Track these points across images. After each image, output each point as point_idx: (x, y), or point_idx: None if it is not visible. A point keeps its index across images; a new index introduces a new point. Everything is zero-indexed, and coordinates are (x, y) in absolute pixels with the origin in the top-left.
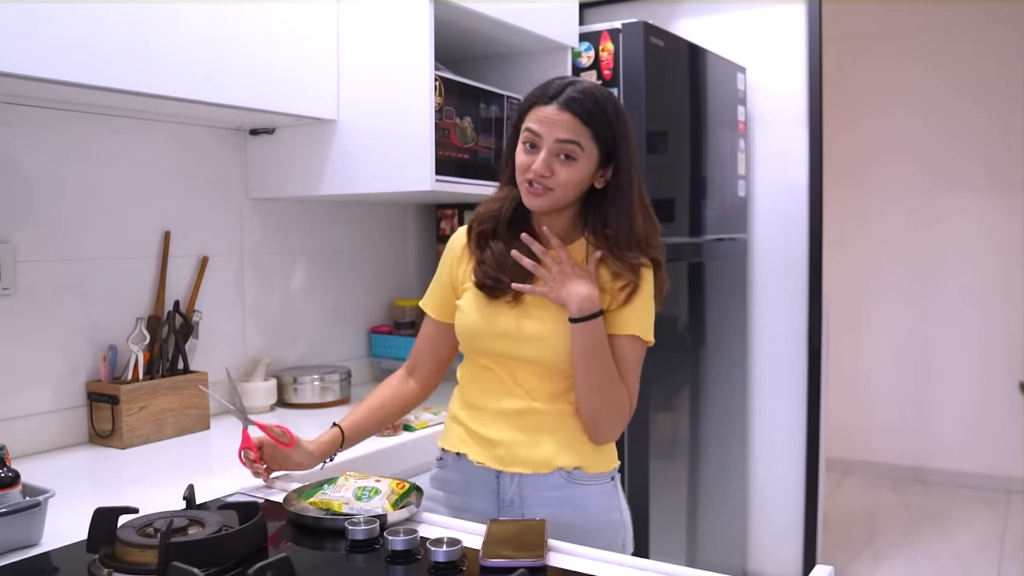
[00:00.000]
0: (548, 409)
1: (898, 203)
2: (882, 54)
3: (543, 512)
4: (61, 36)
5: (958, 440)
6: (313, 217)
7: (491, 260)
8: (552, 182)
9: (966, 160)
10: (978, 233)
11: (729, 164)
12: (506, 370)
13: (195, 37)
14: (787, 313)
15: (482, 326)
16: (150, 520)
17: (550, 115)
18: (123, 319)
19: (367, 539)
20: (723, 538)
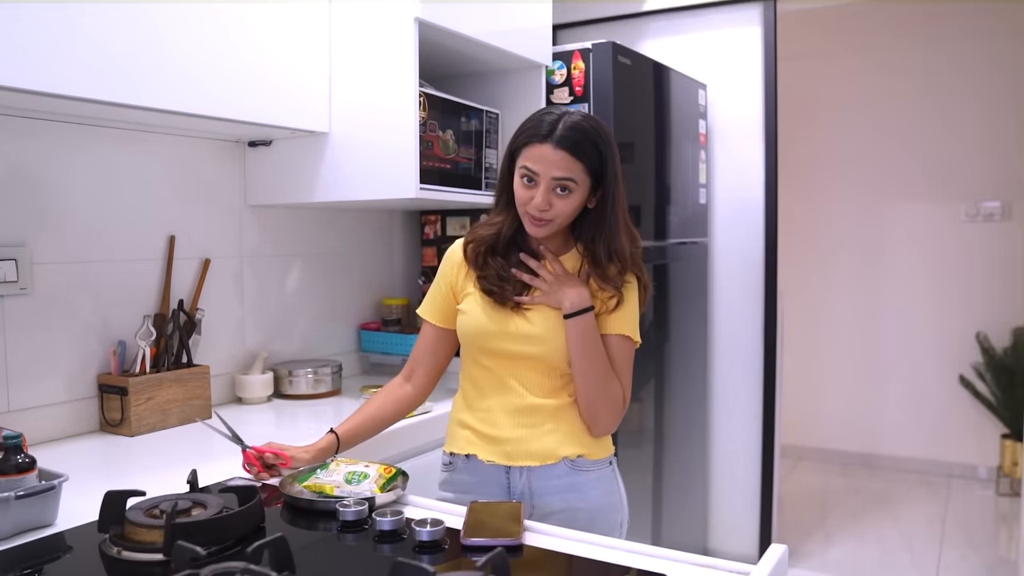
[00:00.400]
0: (547, 404)
1: (847, 209)
2: (832, 72)
3: (551, 500)
4: (77, 56)
5: (903, 429)
6: (307, 222)
7: (493, 274)
8: (551, 214)
9: (910, 169)
10: (922, 237)
11: (691, 173)
12: (506, 369)
13: (198, 55)
14: (745, 311)
15: (488, 326)
16: (156, 502)
17: (546, 155)
18: (131, 316)
19: (356, 520)
20: (685, 519)
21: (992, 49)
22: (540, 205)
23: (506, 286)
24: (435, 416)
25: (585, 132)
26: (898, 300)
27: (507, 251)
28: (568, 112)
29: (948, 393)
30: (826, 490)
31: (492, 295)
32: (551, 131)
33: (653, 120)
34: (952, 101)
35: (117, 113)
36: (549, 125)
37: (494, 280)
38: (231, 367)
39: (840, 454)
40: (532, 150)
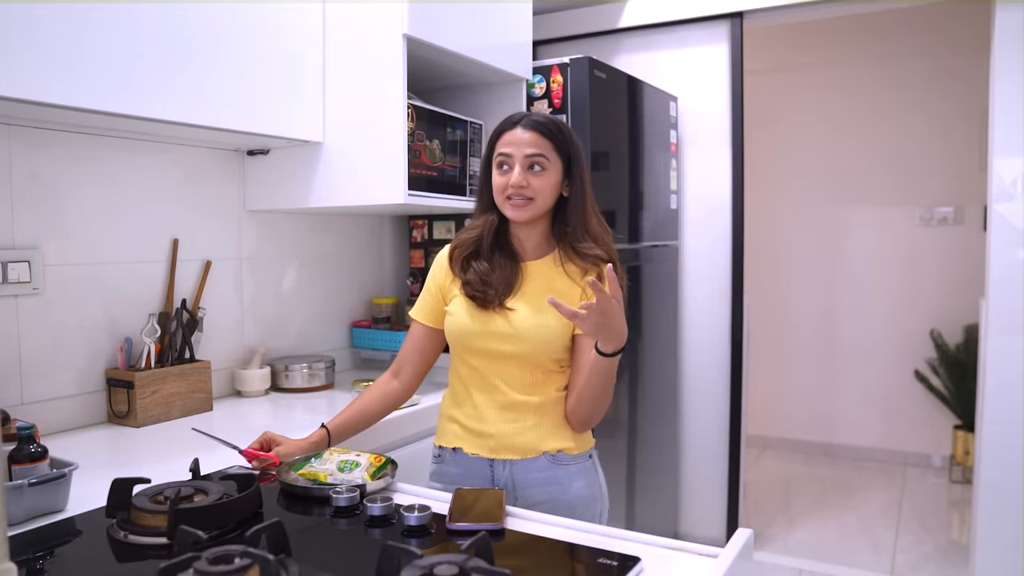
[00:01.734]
0: (529, 401)
1: (809, 213)
2: (795, 84)
3: (534, 492)
4: (90, 71)
5: (861, 420)
6: (302, 226)
7: (476, 278)
8: (530, 191)
9: (868, 176)
10: (880, 241)
11: (662, 180)
12: (490, 367)
13: (202, 71)
14: (713, 310)
15: (472, 327)
16: (161, 489)
17: (516, 136)
18: (137, 315)
19: (349, 506)
20: (658, 505)
21: (943, 64)
22: (517, 180)
23: (488, 290)
24: (422, 408)
25: (550, 119)
26: (857, 299)
27: (490, 254)
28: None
29: (904, 387)
30: (789, 478)
31: (475, 300)
32: (521, 119)
33: (627, 130)
34: (908, 112)
35: (126, 124)
36: (516, 116)
37: (477, 285)
38: (231, 362)
39: (802, 444)
40: (504, 138)
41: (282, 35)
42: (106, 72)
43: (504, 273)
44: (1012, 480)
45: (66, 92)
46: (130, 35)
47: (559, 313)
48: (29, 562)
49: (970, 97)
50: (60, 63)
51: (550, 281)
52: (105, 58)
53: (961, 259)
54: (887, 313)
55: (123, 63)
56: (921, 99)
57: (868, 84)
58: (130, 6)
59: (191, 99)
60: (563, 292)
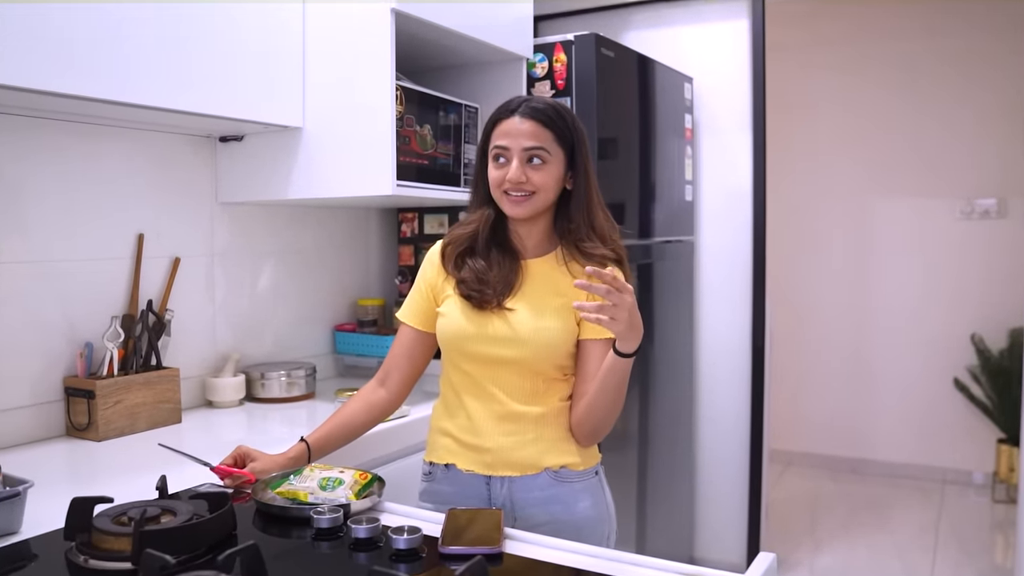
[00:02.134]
0: (530, 411)
1: (838, 206)
2: (822, 64)
3: (534, 512)
4: (37, 47)
5: (895, 433)
6: (280, 220)
7: (471, 277)
8: (529, 186)
9: (903, 165)
10: (915, 235)
11: (677, 169)
12: (487, 373)
13: (167, 48)
14: (732, 312)
15: (467, 329)
16: (124, 509)
17: (514, 127)
18: (99, 317)
19: (331, 527)
20: (671, 526)
21: (987, 43)
22: (515, 176)
23: (486, 289)
24: (412, 420)
25: (550, 105)
26: (890, 300)
27: (487, 251)
28: (535, 96)
29: (942, 396)
30: (816, 496)
31: (471, 299)
32: (518, 106)
33: (637, 114)
34: (946, 95)
35: (82, 107)
36: (514, 103)
37: (473, 284)
38: (201, 370)
39: (830, 459)
40: (500, 128)
41: (258, 10)
42: (62, 50)
43: (503, 271)
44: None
45: (16, 72)
46: (87, 10)
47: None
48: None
49: (1015, 80)
50: (9, 40)
51: (553, 281)
52: (60, 35)
53: (1005, 256)
54: (923, 315)
55: (80, 40)
56: (961, 81)
57: (903, 64)
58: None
59: (156, 80)
60: (566, 294)
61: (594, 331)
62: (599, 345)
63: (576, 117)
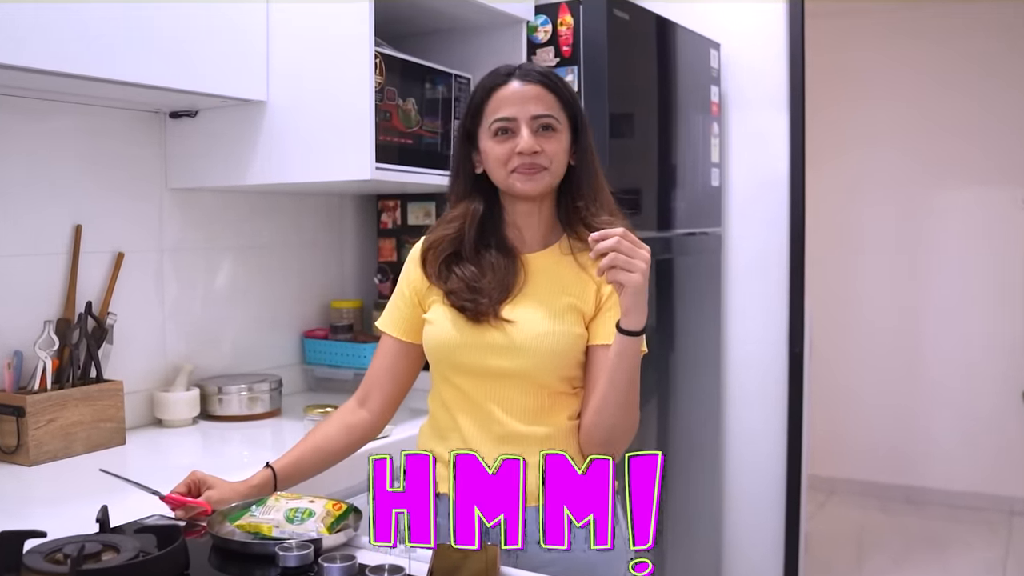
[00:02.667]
0: (534, 433)
1: (887, 195)
2: (869, 31)
3: (538, 550)
4: None
5: (955, 456)
6: (240, 209)
7: (461, 287)
8: (544, 158)
9: (961, 147)
10: (974, 227)
11: (701, 150)
12: (483, 389)
13: (107, 9)
14: (766, 315)
15: (459, 338)
16: (59, 545)
17: (517, 93)
18: (29, 322)
19: (300, 566)
20: (695, 559)
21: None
22: (528, 145)
23: (480, 299)
24: (394, 441)
25: (548, 69)
26: (947, 302)
27: (476, 253)
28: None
29: (1008, 412)
30: (862, 529)
31: (465, 311)
32: (513, 70)
33: (656, 86)
34: (1010, 68)
35: (9, 78)
36: (507, 68)
37: (465, 294)
38: (149, 383)
39: (879, 487)
40: (497, 96)
41: None
42: None
43: (498, 275)
44: None
45: None
46: None
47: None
48: None
49: None
50: None
51: (558, 277)
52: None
53: None
54: (985, 319)
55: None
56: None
57: (961, 32)
58: None
59: (95, 47)
60: (574, 291)
61: (604, 335)
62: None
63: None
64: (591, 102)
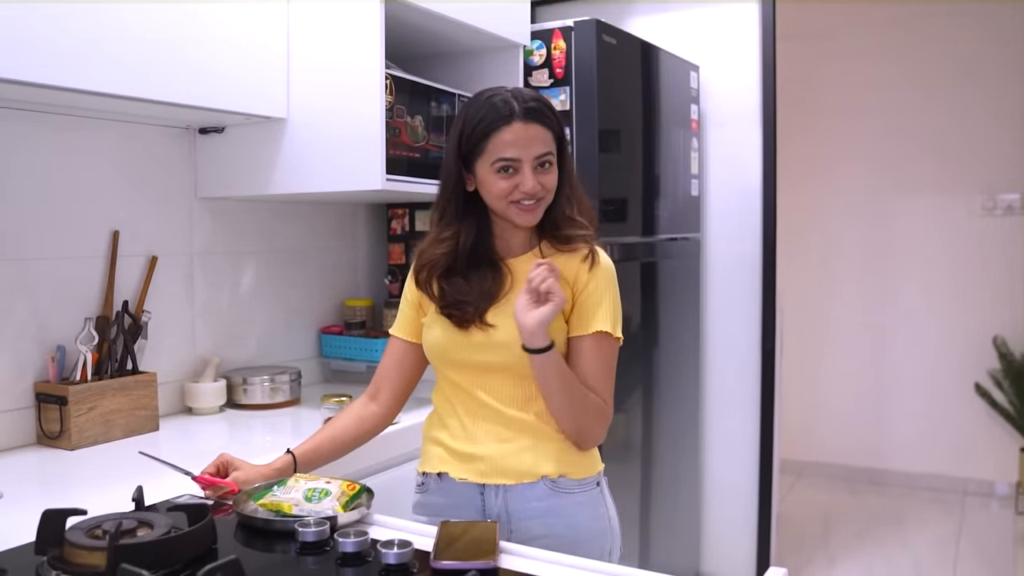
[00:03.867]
0: (523, 417)
1: (853, 203)
2: (836, 52)
3: (531, 525)
4: (8, 35)
5: (914, 441)
6: (263, 216)
7: (451, 300)
8: (543, 192)
9: (921, 159)
10: (935, 234)
11: (682, 163)
12: (475, 381)
13: (143, 35)
14: (741, 313)
15: (450, 339)
16: (99, 522)
17: (520, 134)
18: (71, 319)
19: (317, 541)
20: (676, 540)
21: (1009, 30)
22: (534, 190)
23: (466, 307)
24: (403, 428)
25: (540, 101)
26: (908, 301)
27: (467, 267)
28: (503, 87)
29: (963, 402)
30: (829, 509)
31: (452, 318)
32: (512, 110)
33: (640, 105)
34: (968, 85)
35: (55, 97)
36: (506, 106)
37: (453, 304)
38: (180, 374)
39: (845, 469)
40: (501, 137)
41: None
42: (27, 37)
43: (485, 284)
44: None
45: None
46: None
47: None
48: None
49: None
50: None
51: None
52: (25, 21)
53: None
54: (942, 317)
55: (48, 27)
56: (984, 69)
57: (921, 51)
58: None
59: (132, 68)
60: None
61: (579, 328)
62: (585, 341)
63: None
64: (582, 119)
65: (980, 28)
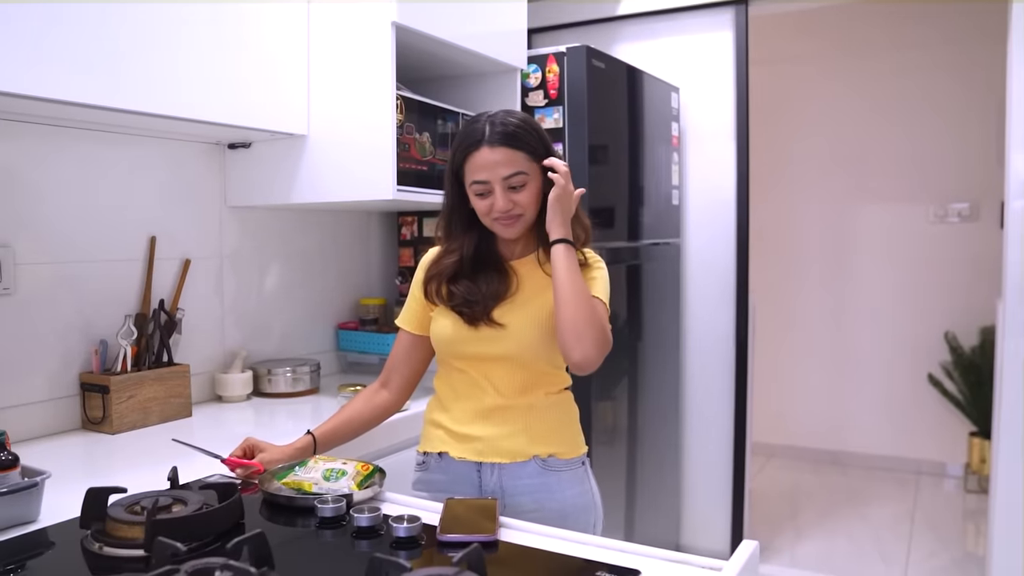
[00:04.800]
0: (519, 404)
1: (818, 210)
2: (802, 76)
3: (523, 500)
4: (59, 59)
5: (872, 427)
6: (286, 223)
7: (460, 300)
8: (518, 210)
9: (880, 171)
10: (892, 239)
11: (664, 175)
12: (479, 370)
13: (178, 59)
14: (716, 310)
15: (460, 333)
16: (137, 499)
17: (486, 159)
18: (113, 316)
19: (335, 516)
20: (659, 515)
21: (958, 54)
22: (503, 207)
23: (476, 307)
24: (412, 415)
25: (514, 122)
26: (868, 300)
27: (474, 271)
28: (492, 113)
29: (917, 392)
30: (797, 487)
31: (463, 315)
32: (482, 135)
33: (627, 122)
34: (921, 104)
35: (98, 116)
36: (477, 132)
37: (462, 304)
38: (211, 366)
39: (810, 452)
40: (473, 161)
41: (265, 24)
42: (78, 62)
43: (492, 285)
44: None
45: (37, 82)
46: (104, 23)
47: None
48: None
49: (987, 89)
50: (30, 52)
51: (538, 280)
52: (77, 47)
53: (977, 257)
54: (899, 314)
55: (96, 52)
56: (935, 90)
57: (879, 74)
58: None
59: (169, 90)
60: (547, 292)
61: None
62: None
63: (537, 123)
64: (574, 135)
65: (929, 58)
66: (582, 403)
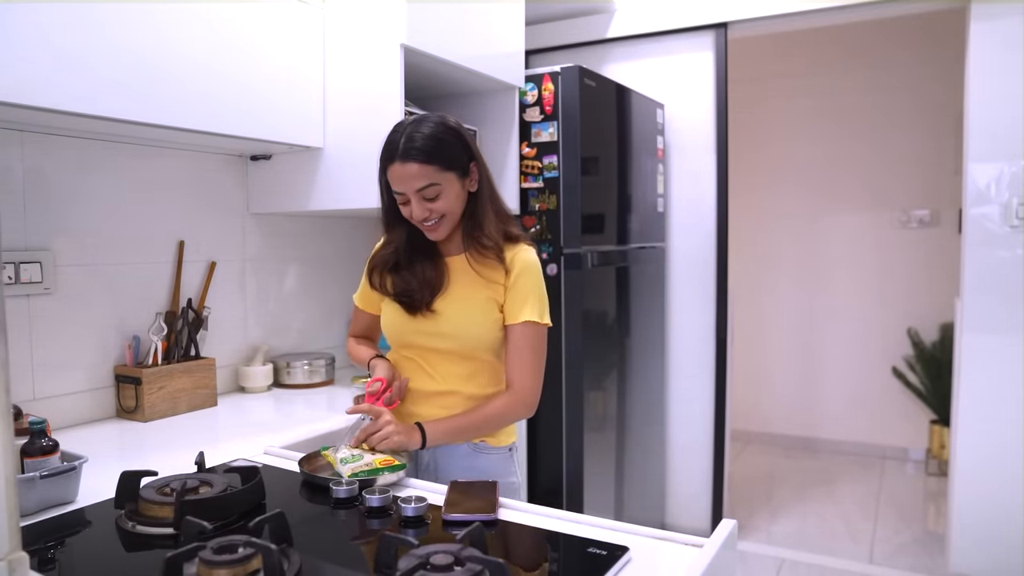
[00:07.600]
0: (460, 391)
1: (791, 215)
2: (777, 93)
3: (455, 475)
4: (97, 78)
5: (841, 415)
6: (304, 229)
7: (400, 289)
8: (436, 215)
9: (848, 180)
10: (859, 242)
11: (650, 184)
12: (423, 357)
13: (206, 79)
14: (698, 309)
15: (405, 325)
16: (167, 481)
17: (399, 173)
18: (145, 314)
19: (348, 497)
20: (645, 496)
21: (920, 71)
22: (420, 216)
23: (414, 295)
24: None
25: (426, 135)
26: (837, 299)
27: (410, 262)
28: (411, 122)
29: (882, 383)
30: (772, 471)
31: (403, 304)
32: (395, 150)
33: (616, 136)
34: (886, 119)
35: (134, 130)
36: (392, 145)
37: (402, 293)
38: (235, 359)
39: (784, 438)
40: (390, 174)
41: (284, 46)
42: (113, 80)
43: (427, 275)
44: (986, 473)
45: (76, 100)
46: (138, 44)
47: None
48: (40, 551)
49: (946, 104)
50: (69, 72)
51: (472, 276)
52: (112, 66)
53: (937, 260)
54: (866, 312)
55: (130, 71)
56: (898, 106)
57: (847, 92)
58: (138, 16)
59: (197, 106)
60: (487, 287)
61: (511, 317)
62: (516, 329)
63: (455, 127)
64: (567, 148)
65: (893, 77)
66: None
